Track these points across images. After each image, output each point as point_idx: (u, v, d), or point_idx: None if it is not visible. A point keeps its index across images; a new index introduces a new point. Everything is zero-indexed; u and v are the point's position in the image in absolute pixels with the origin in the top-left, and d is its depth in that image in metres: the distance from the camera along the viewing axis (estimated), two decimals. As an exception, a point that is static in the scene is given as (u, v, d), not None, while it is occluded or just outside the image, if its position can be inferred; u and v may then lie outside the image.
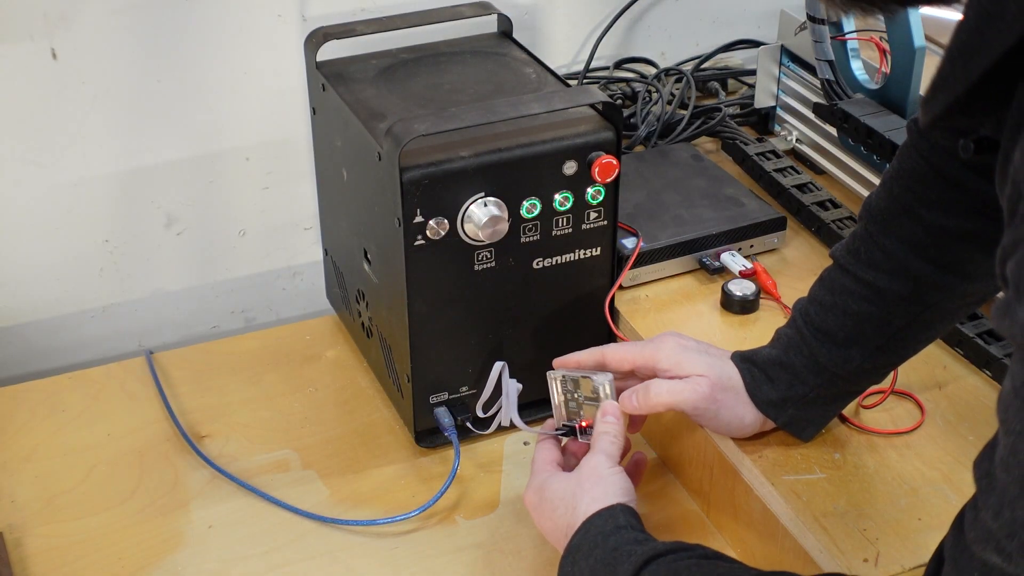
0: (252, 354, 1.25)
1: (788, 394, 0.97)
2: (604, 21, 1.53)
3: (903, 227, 0.92)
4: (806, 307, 0.98)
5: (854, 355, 0.95)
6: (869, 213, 0.94)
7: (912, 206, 0.92)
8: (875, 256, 0.93)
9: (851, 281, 0.95)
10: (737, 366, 0.99)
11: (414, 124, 0.97)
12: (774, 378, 0.98)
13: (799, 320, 0.97)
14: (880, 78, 1.30)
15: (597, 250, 1.08)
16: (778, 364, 0.97)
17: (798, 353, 0.97)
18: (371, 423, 1.16)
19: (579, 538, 0.89)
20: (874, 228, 0.94)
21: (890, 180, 0.94)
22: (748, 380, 0.98)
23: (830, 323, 0.95)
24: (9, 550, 1.01)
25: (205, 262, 1.39)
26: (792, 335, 0.98)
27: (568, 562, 0.89)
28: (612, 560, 0.85)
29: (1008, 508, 0.60)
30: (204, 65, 1.29)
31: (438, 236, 1.00)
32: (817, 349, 0.95)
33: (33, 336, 1.33)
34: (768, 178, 1.36)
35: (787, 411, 0.98)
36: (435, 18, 1.17)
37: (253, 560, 1.02)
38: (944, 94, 0.66)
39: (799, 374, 0.97)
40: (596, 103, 1.03)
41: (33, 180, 1.26)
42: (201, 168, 1.33)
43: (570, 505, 0.91)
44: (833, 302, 0.95)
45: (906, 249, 0.92)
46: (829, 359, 0.95)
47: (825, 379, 0.96)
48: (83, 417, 1.17)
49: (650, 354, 0.99)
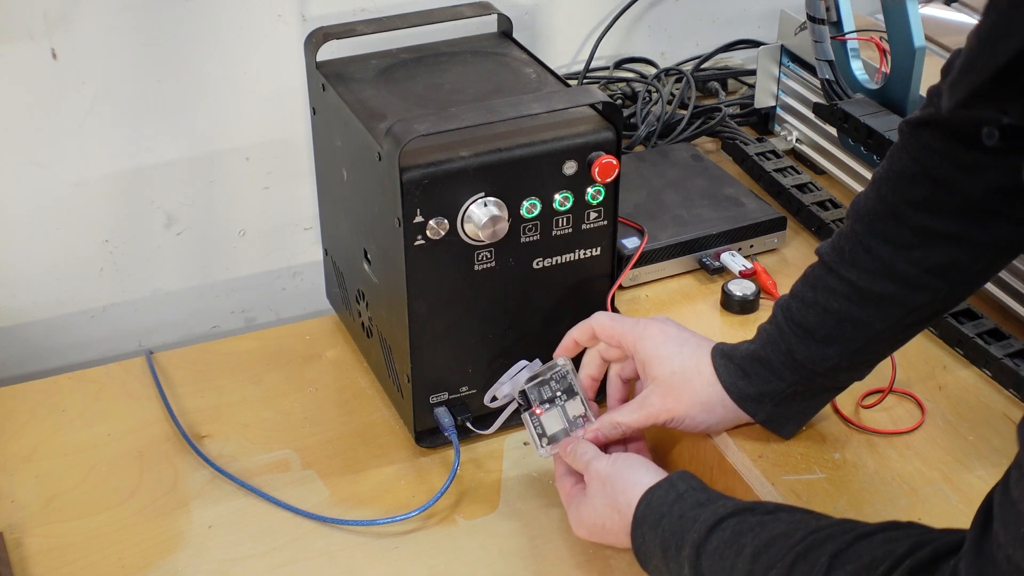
0: (252, 354, 1.25)
1: (765, 389, 0.98)
2: (604, 21, 1.53)
3: (889, 228, 0.92)
4: (787, 303, 0.98)
5: (832, 353, 0.95)
6: (856, 213, 0.95)
7: (899, 207, 0.92)
8: (859, 256, 0.93)
9: (834, 279, 0.95)
10: (715, 362, 0.99)
11: (414, 124, 0.97)
12: (751, 373, 0.98)
13: (779, 315, 0.98)
14: (880, 78, 1.30)
15: (597, 250, 1.08)
16: (755, 359, 0.98)
17: (776, 349, 0.97)
18: (371, 423, 1.16)
19: (641, 512, 0.90)
20: (860, 228, 0.94)
21: (879, 181, 0.94)
22: (724, 375, 0.99)
23: (810, 320, 0.95)
24: (9, 550, 1.01)
25: (205, 262, 1.39)
26: (771, 330, 0.98)
27: (638, 537, 0.90)
28: (679, 528, 0.87)
29: None
30: (204, 65, 1.29)
31: (438, 236, 1.00)
32: (795, 345, 0.96)
33: (33, 336, 1.33)
34: (768, 178, 1.36)
35: (765, 407, 0.99)
36: (435, 18, 1.17)
37: (253, 560, 1.02)
38: (970, 77, 0.65)
39: (776, 370, 0.97)
40: (596, 103, 1.03)
41: (33, 180, 1.26)
42: (201, 168, 1.33)
43: (615, 511, 0.93)
44: (815, 299, 0.95)
45: (891, 250, 0.92)
46: (806, 356, 0.95)
47: (802, 376, 0.97)
48: (83, 417, 1.17)
49: (634, 338, 1.01)
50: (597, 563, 1.00)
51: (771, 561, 0.79)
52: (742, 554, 0.81)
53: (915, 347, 1.09)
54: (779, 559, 0.79)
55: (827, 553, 0.76)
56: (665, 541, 0.87)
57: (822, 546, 0.78)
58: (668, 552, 0.87)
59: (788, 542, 0.80)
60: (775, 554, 0.80)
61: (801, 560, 0.78)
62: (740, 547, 0.82)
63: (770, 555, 0.80)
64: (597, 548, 1.01)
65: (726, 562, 0.82)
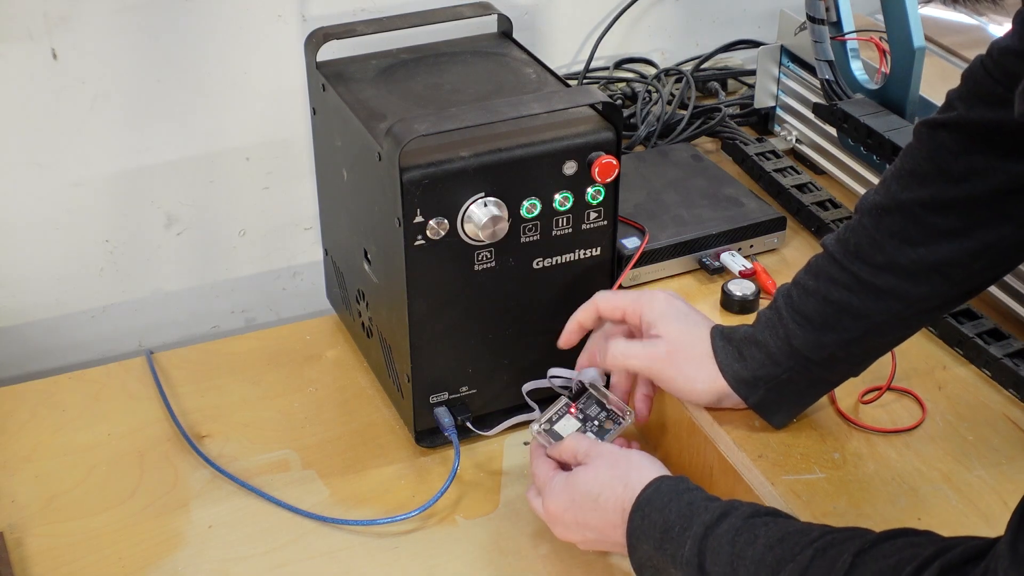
0: (252, 354, 1.25)
1: (759, 373, 0.99)
2: (604, 21, 1.53)
3: (896, 222, 0.94)
4: (789, 290, 0.99)
5: (828, 342, 0.96)
6: (864, 207, 0.96)
7: (908, 204, 0.93)
8: (864, 249, 0.95)
9: (836, 270, 0.96)
10: (713, 341, 1.01)
11: (414, 124, 0.98)
12: (747, 356, 0.99)
13: (780, 301, 0.99)
14: (880, 78, 1.30)
15: (597, 250, 1.08)
16: (752, 342, 0.99)
17: (773, 334, 0.98)
18: (371, 423, 1.16)
19: (650, 492, 0.90)
20: (868, 222, 0.95)
21: (889, 178, 0.95)
22: (721, 356, 1.00)
23: (809, 307, 0.97)
24: (9, 550, 1.01)
25: (205, 262, 1.39)
26: (771, 316, 0.99)
27: (638, 516, 0.89)
28: (688, 512, 0.86)
29: None
30: (204, 65, 1.29)
31: (438, 236, 1.00)
32: (793, 331, 0.97)
33: (33, 336, 1.33)
34: (768, 178, 1.36)
35: (759, 391, 0.99)
36: (435, 18, 1.17)
37: (253, 560, 1.02)
38: None
39: (772, 355, 0.98)
40: (596, 103, 1.03)
41: (33, 180, 1.26)
42: (201, 168, 1.33)
43: (620, 483, 0.92)
44: (816, 287, 0.97)
45: (895, 244, 0.93)
46: (803, 343, 0.96)
47: (798, 362, 0.97)
48: (83, 417, 1.17)
49: (639, 305, 1.02)
50: (598, 564, 1.00)
51: (787, 554, 0.79)
52: (754, 543, 0.81)
53: (915, 347, 1.09)
54: (797, 553, 0.79)
55: (850, 551, 0.77)
56: (669, 522, 0.87)
57: (843, 544, 0.78)
58: (670, 533, 0.86)
59: (805, 538, 0.80)
60: (791, 548, 0.80)
61: (820, 556, 0.78)
62: (753, 536, 0.82)
63: (785, 548, 0.80)
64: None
65: (735, 548, 0.82)
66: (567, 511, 0.94)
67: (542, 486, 0.97)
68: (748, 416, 1.03)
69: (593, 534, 0.94)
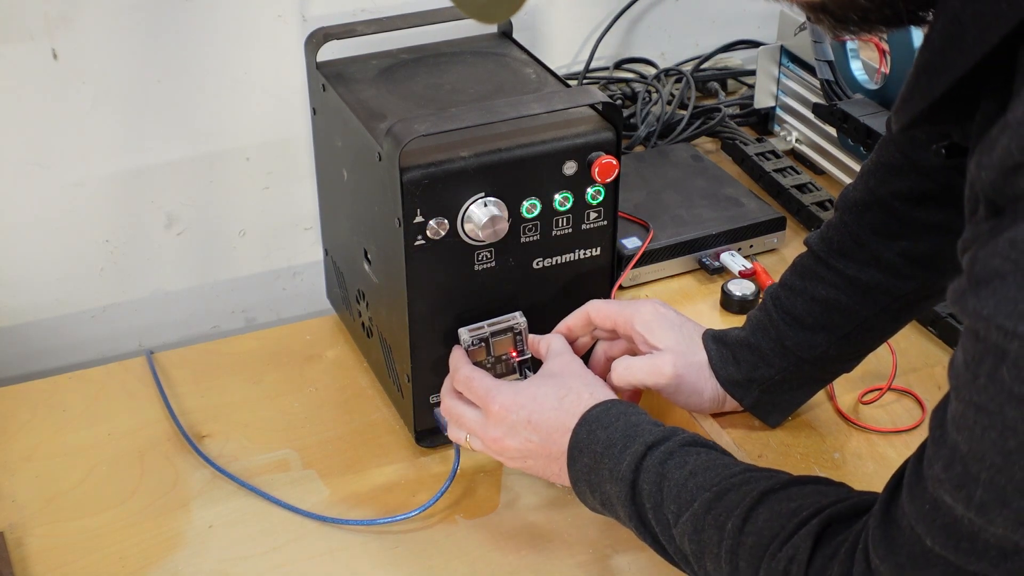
0: (252, 354, 1.25)
1: (753, 375, 0.99)
2: (604, 21, 1.53)
3: (876, 218, 0.94)
4: (777, 291, 1.00)
5: (820, 340, 0.97)
6: (844, 203, 0.97)
7: (886, 198, 0.94)
8: (847, 245, 0.96)
9: (822, 268, 0.97)
10: (706, 345, 1.01)
11: (414, 124, 0.98)
12: (740, 359, 1.00)
13: (769, 303, 1.00)
14: (879, 78, 1.30)
15: (597, 250, 1.08)
16: (745, 345, 1.00)
17: (765, 336, 0.99)
18: (371, 423, 1.16)
19: (600, 411, 0.90)
20: (849, 218, 0.96)
21: (866, 173, 0.96)
22: (715, 359, 1.00)
23: (798, 308, 0.97)
24: (10, 549, 1.01)
25: (205, 262, 1.39)
26: (761, 318, 1.00)
27: (584, 430, 0.90)
28: (632, 433, 0.87)
29: (958, 463, 0.63)
30: (204, 65, 1.29)
31: (438, 236, 1.00)
32: (784, 332, 0.97)
33: (33, 336, 1.33)
34: (768, 178, 1.36)
35: (752, 393, 1.00)
36: (435, 18, 1.17)
37: (253, 560, 1.02)
38: (911, 106, 0.69)
39: (765, 356, 0.99)
40: (596, 103, 1.04)
41: (33, 180, 1.26)
42: (201, 168, 1.33)
43: (587, 391, 0.92)
44: (803, 287, 0.97)
45: (878, 240, 0.94)
46: (795, 343, 0.97)
47: (791, 363, 0.98)
48: (83, 417, 1.17)
49: (629, 316, 1.02)
50: (598, 564, 1.00)
51: (706, 483, 0.82)
52: (682, 468, 0.83)
53: (915, 347, 1.09)
54: (715, 484, 0.81)
55: (759, 489, 0.79)
56: (612, 439, 0.88)
57: (756, 482, 0.80)
58: (612, 449, 0.87)
59: (727, 471, 0.82)
60: (712, 477, 0.82)
61: (734, 490, 0.80)
62: (683, 462, 0.84)
63: (707, 476, 0.82)
64: (598, 548, 1.01)
65: (664, 469, 0.84)
66: (524, 407, 0.93)
67: (483, 393, 0.96)
68: (748, 416, 1.03)
69: (537, 438, 0.93)
